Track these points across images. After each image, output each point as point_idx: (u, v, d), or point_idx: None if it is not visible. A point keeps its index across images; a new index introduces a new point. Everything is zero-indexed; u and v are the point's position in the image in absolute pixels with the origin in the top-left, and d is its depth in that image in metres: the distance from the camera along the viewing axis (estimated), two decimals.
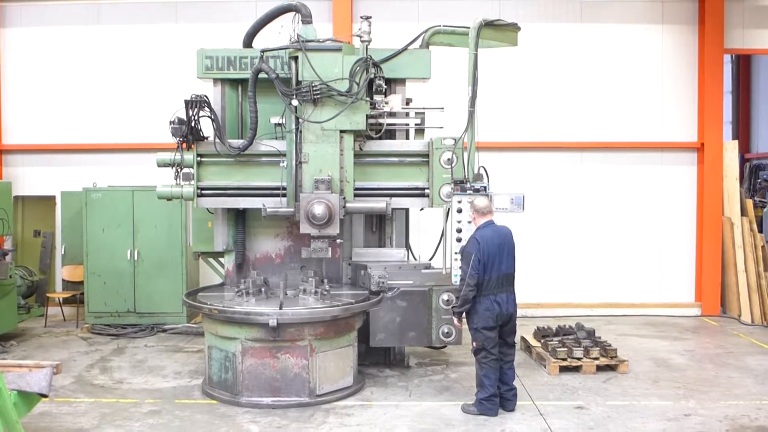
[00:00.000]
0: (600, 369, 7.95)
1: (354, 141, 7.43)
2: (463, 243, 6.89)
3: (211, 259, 8.53)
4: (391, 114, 7.67)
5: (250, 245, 8.18)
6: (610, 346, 8.17)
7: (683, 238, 11.50)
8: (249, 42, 7.98)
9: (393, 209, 7.79)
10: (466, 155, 7.45)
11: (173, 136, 7.32)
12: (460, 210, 7.07)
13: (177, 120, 7.27)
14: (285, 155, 7.49)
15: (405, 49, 7.79)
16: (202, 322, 7.65)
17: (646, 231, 11.46)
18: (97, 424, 6.43)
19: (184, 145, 7.44)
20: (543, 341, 8.50)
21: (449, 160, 7.46)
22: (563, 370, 7.93)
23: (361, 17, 7.54)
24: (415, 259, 8.47)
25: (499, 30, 7.76)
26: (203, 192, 7.62)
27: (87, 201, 10.18)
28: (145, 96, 11.30)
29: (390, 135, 7.93)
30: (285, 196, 7.48)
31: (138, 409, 6.82)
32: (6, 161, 11.64)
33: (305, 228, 7.20)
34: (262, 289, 7.41)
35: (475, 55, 7.37)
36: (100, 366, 8.39)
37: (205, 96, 7.42)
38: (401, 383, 7.60)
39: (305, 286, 7.36)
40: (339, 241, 7.69)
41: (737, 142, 11.87)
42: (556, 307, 11.25)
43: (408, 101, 8.09)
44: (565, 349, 7.99)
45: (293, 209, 7.35)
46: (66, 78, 11.49)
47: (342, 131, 7.31)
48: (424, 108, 7.95)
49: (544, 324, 9.23)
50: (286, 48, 7.42)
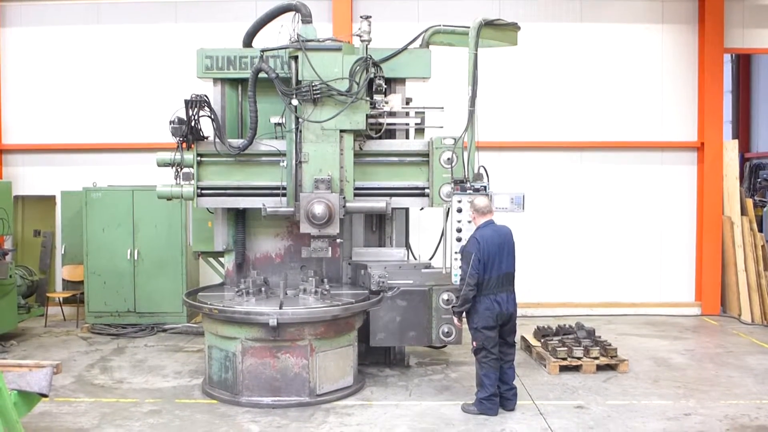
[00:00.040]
0: (600, 368, 7.95)
1: (354, 140, 7.42)
2: (463, 242, 6.89)
3: (211, 259, 8.53)
4: (391, 113, 7.67)
5: (250, 245, 8.18)
6: (610, 345, 8.17)
7: (683, 237, 11.50)
8: (249, 42, 7.99)
9: (393, 209, 7.79)
10: (466, 155, 7.45)
11: (173, 135, 7.33)
12: (460, 209, 7.07)
13: (177, 120, 7.27)
14: (285, 155, 7.50)
15: (405, 49, 7.78)
16: (202, 321, 7.65)
17: (646, 230, 11.46)
18: (98, 423, 6.43)
19: (184, 145, 7.45)
20: (543, 341, 8.50)
21: (449, 159, 7.46)
22: (563, 369, 7.93)
23: (361, 17, 7.54)
24: (415, 259, 8.46)
25: (499, 29, 7.77)
26: (203, 192, 7.62)
27: (87, 201, 10.18)
28: (145, 96, 11.30)
29: (390, 134, 7.93)
30: (285, 195, 7.48)
31: (138, 409, 6.82)
32: (6, 161, 11.65)
33: (305, 228, 7.20)
34: (262, 289, 7.41)
35: (475, 55, 7.37)
36: (100, 366, 8.39)
37: (205, 96, 7.43)
38: (401, 383, 7.61)
39: (305, 285, 7.36)
40: (339, 241, 7.69)
41: (737, 141, 11.87)
42: (556, 307, 11.25)
43: (408, 101, 8.09)
44: (565, 349, 8.00)
45: (293, 209, 7.35)
46: (66, 78, 11.49)
47: (342, 131, 7.31)
48: (424, 107, 7.96)
49: (544, 323, 9.22)
50: (286, 48, 7.41)
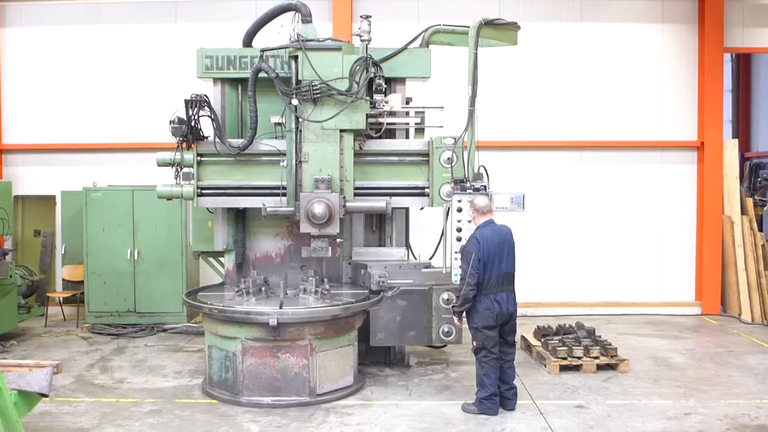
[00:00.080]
0: (600, 368, 7.95)
1: (354, 140, 7.42)
2: (463, 242, 6.89)
3: (211, 259, 8.53)
4: (391, 113, 7.67)
5: (250, 245, 8.18)
6: (610, 345, 8.17)
7: (683, 236, 11.49)
8: (249, 41, 7.99)
9: (393, 208, 7.79)
10: (466, 154, 7.45)
11: (173, 135, 7.33)
12: (460, 209, 7.06)
13: (177, 119, 7.27)
14: (285, 154, 7.50)
15: (405, 49, 7.79)
16: (202, 321, 7.65)
17: (646, 230, 11.46)
18: (98, 423, 6.43)
19: (184, 145, 7.45)
20: (543, 340, 8.50)
21: (449, 159, 7.45)
22: (563, 369, 7.93)
23: (361, 16, 7.54)
24: (415, 259, 8.46)
25: (499, 29, 7.77)
26: (203, 191, 7.62)
27: (87, 200, 10.18)
28: (145, 96, 11.29)
29: (390, 134, 7.93)
30: (285, 195, 7.48)
31: (138, 409, 6.82)
32: (6, 161, 11.64)
33: (305, 227, 7.20)
34: (262, 289, 7.41)
35: (475, 54, 7.37)
36: (100, 365, 8.40)
37: (205, 95, 7.43)
38: (401, 382, 7.61)
39: (305, 285, 7.36)
40: (339, 241, 7.69)
41: (737, 140, 11.87)
42: (556, 306, 11.25)
43: (408, 100, 8.09)
44: (566, 348, 7.99)
45: (293, 208, 7.35)
46: (66, 78, 11.48)
47: (342, 130, 7.31)
48: (424, 107, 7.96)
49: (544, 323, 9.22)
50: (286, 47, 7.41)
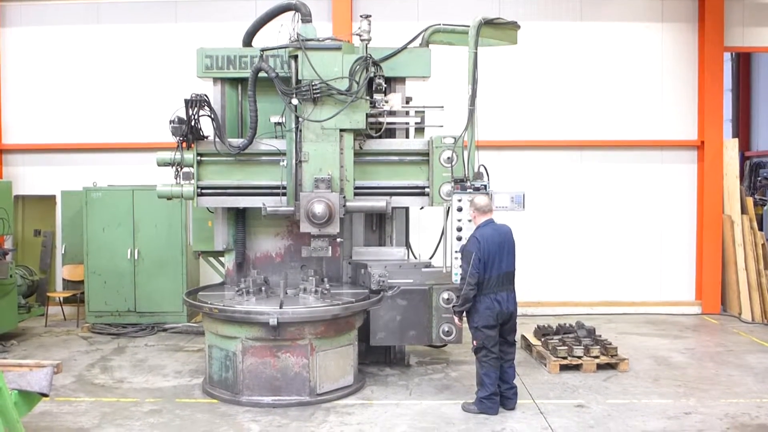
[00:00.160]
0: (600, 367, 7.95)
1: (354, 140, 7.42)
2: (464, 242, 6.89)
3: (212, 259, 8.53)
4: (391, 113, 7.67)
5: (250, 244, 8.18)
6: (610, 344, 8.17)
7: (683, 236, 11.49)
8: (249, 41, 7.98)
9: (393, 208, 7.79)
10: (466, 154, 7.45)
11: (173, 135, 7.33)
12: (460, 209, 7.06)
13: (177, 119, 7.27)
14: (285, 154, 7.49)
15: (405, 48, 7.78)
16: (202, 321, 7.65)
17: (646, 229, 11.45)
18: (98, 423, 6.43)
19: (184, 145, 7.45)
20: (543, 340, 8.50)
21: (449, 158, 7.45)
22: (563, 368, 7.93)
23: (361, 16, 7.54)
24: (416, 258, 8.46)
25: (499, 28, 7.77)
26: (203, 191, 7.62)
27: (87, 200, 10.19)
28: (145, 95, 11.29)
29: (390, 134, 7.93)
30: (285, 195, 7.48)
31: (139, 409, 6.82)
32: (6, 161, 11.64)
33: (305, 227, 7.20)
34: (262, 288, 7.40)
35: (475, 54, 7.37)
36: (100, 365, 8.40)
37: (205, 95, 7.42)
38: (402, 382, 7.61)
39: (305, 285, 7.36)
40: (339, 240, 7.69)
41: (737, 140, 11.86)
42: (556, 306, 11.25)
43: (408, 100, 8.09)
44: (566, 348, 7.99)
45: (293, 208, 7.35)
46: (66, 78, 11.48)
47: (342, 130, 7.31)
48: (424, 107, 7.97)
49: (544, 322, 9.23)
50: (285, 47, 7.41)
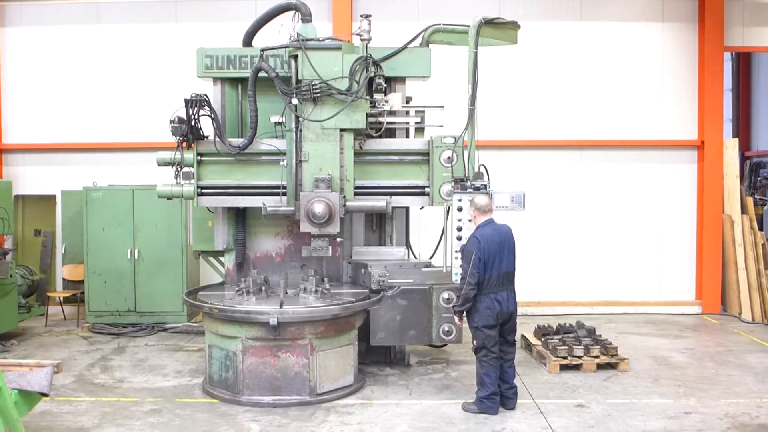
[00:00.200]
0: (600, 367, 7.95)
1: (354, 139, 7.42)
2: (464, 241, 6.89)
3: (212, 258, 8.53)
4: (391, 112, 7.67)
5: (250, 244, 8.18)
6: (610, 344, 8.16)
7: (683, 236, 11.49)
8: (249, 41, 7.98)
9: (393, 208, 7.78)
10: (466, 153, 7.45)
11: (173, 135, 7.33)
12: (460, 208, 7.06)
13: (177, 119, 7.27)
14: (285, 154, 7.49)
15: (405, 48, 7.78)
16: (202, 321, 7.65)
17: (646, 229, 11.45)
18: (98, 423, 6.44)
19: (184, 144, 7.45)
20: (543, 339, 8.50)
21: (449, 158, 7.45)
22: (564, 368, 7.93)
23: (361, 16, 7.54)
24: (416, 258, 8.47)
25: (499, 28, 7.77)
26: (203, 191, 7.62)
27: (87, 200, 10.19)
28: (145, 95, 11.29)
29: (390, 133, 7.93)
30: (285, 194, 7.48)
31: (139, 408, 6.82)
32: (6, 160, 11.64)
33: (305, 227, 7.20)
34: (262, 288, 7.41)
35: (475, 54, 7.37)
36: (100, 365, 8.40)
37: (205, 95, 7.42)
38: (402, 382, 7.61)
39: (305, 284, 7.36)
40: (339, 240, 7.69)
41: (737, 139, 11.86)
42: (556, 306, 11.25)
43: (408, 100, 8.08)
44: (566, 348, 8.00)
45: (293, 208, 7.35)
46: (66, 77, 11.48)
47: (342, 130, 7.31)
48: (424, 106, 7.97)
49: (544, 322, 9.23)
50: (285, 47, 7.41)
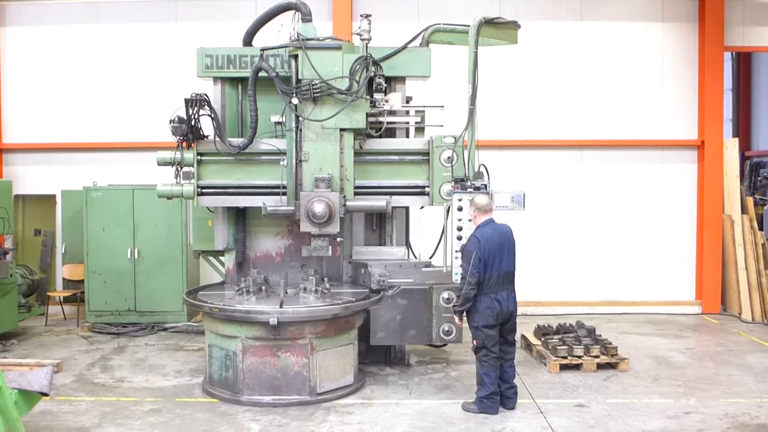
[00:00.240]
0: (600, 367, 7.95)
1: (354, 139, 7.42)
2: (464, 241, 6.89)
3: (212, 258, 8.52)
4: (391, 112, 7.66)
5: (250, 244, 8.18)
6: (610, 344, 8.16)
7: (683, 235, 11.49)
8: (249, 40, 7.99)
9: (393, 207, 7.78)
10: (466, 153, 7.45)
11: (173, 134, 7.33)
12: (460, 208, 7.06)
13: (177, 119, 7.27)
14: (285, 154, 7.49)
15: (405, 48, 7.78)
16: (202, 320, 7.65)
17: (646, 229, 11.45)
18: (98, 422, 6.44)
19: (184, 144, 7.45)
20: (543, 339, 8.50)
21: (449, 158, 7.45)
22: (564, 368, 7.93)
23: (361, 15, 7.53)
24: (416, 258, 8.46)
25: (499, 28, 7.77)
26: (203, 191, 7.62)
27: (87, 200, 10.18)
28: (145, 95, 11.29)
29: (390, 133, 7.93)
30: (285, 194, 7.48)
31: (139, 408, 6.82)
32: (6, 160, 11.64)
33: (305, 226, 7.20)
34: (262, 288, 7.41)
35: (475, 53, 7.37)
36: (100, 365, 8.40)
37: (205, 95, 7.42)
38: (402, 381, 7.61)
39: (306, 284, 7.37)
40: (339, 240, 7.69)
41: (737, 139, 11.86)
42: (556, 306, 11.25)
43: (408, 99, 8.08)
44: (566, 347, 8.00)
45: (293, 208, 7.35)
46: (66, 77, 11.48)
47: (342, 129, 7.31)
48: (424, 106, 7.96)
49: (544, 322, 9.24)
50: (286, 46, 7.41)
